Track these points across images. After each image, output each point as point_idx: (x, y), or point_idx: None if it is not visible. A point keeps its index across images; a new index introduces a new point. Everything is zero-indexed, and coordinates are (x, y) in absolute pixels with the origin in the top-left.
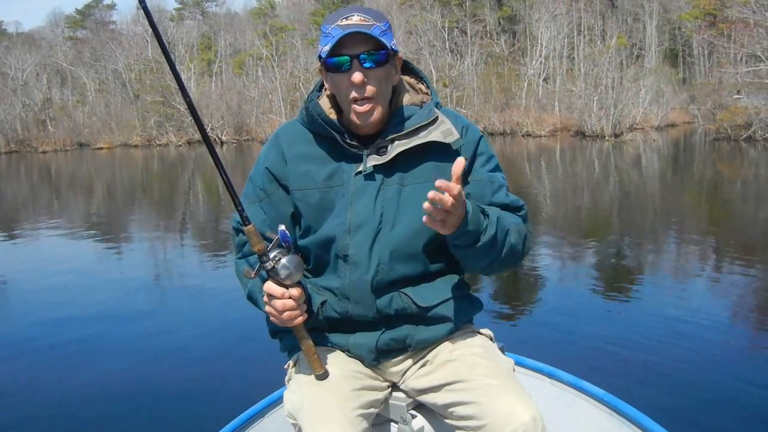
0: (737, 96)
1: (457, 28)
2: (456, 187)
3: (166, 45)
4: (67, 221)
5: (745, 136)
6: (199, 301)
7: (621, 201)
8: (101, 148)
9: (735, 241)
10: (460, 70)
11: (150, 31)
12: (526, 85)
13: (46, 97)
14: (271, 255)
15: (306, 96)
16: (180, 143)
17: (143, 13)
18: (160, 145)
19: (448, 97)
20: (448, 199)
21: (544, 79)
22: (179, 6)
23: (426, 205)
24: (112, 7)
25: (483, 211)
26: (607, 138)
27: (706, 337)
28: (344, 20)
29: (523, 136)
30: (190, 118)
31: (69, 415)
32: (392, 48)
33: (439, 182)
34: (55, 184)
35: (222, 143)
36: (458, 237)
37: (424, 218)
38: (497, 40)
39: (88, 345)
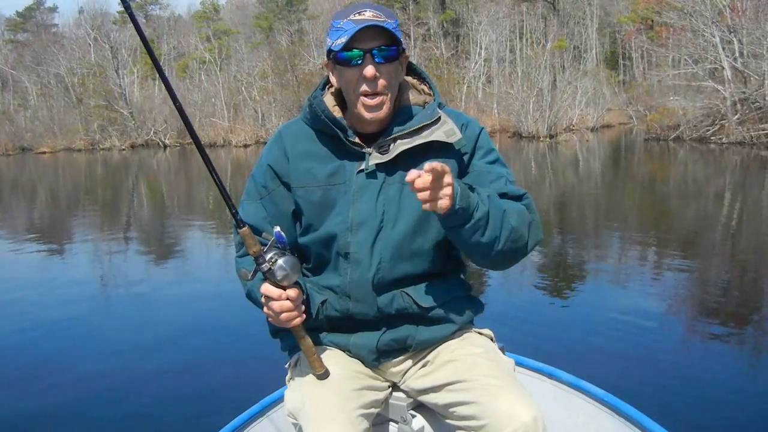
0: (673, 98)
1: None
2: (426, 175)
3: (151, 47)
4: (9, 227)
5: (673, 136)
6: (197, 301)
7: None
8: (44, 153)
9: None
10: None
11: (92, 34)
12: (465, 87)
13: None
14: (267, 257)
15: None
16: (123, 147)
17: (129, 18)
18: (103, 149)
19: None
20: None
21: (485, 82)
22: (122, 9)
23: (411, 187)
24: (53, 9)
25: (471, 188)
26: (542, 138)
27: (706, 337)
28: (357, 15)
29: None
30: (133, 122)
31: (71, 418)
32: (402, 45)
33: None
34: None
35: (165, 147)
36: (449, 216)
37: (424, 206)
38: (439, 43)
39: (84, 346)
